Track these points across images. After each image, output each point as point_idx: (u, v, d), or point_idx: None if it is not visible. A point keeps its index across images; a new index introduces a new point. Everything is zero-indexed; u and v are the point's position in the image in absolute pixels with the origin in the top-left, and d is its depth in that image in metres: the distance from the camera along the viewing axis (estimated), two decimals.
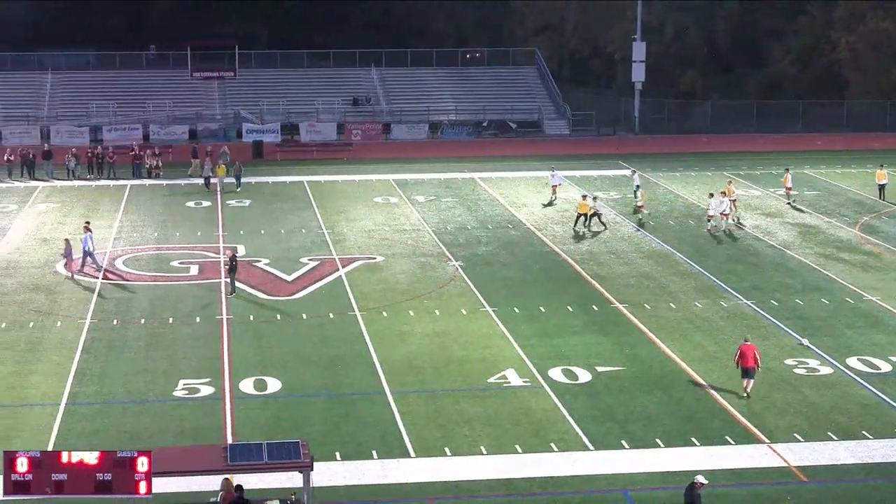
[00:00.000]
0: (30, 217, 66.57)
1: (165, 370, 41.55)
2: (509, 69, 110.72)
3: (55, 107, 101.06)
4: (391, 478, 33.02)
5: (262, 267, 55.50)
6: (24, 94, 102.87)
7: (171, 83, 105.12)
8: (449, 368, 41.66)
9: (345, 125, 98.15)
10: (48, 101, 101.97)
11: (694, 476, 29.51)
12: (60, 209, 68.67)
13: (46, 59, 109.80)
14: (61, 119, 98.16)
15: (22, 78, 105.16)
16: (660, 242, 60.42)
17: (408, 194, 72.95)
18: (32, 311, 48.56)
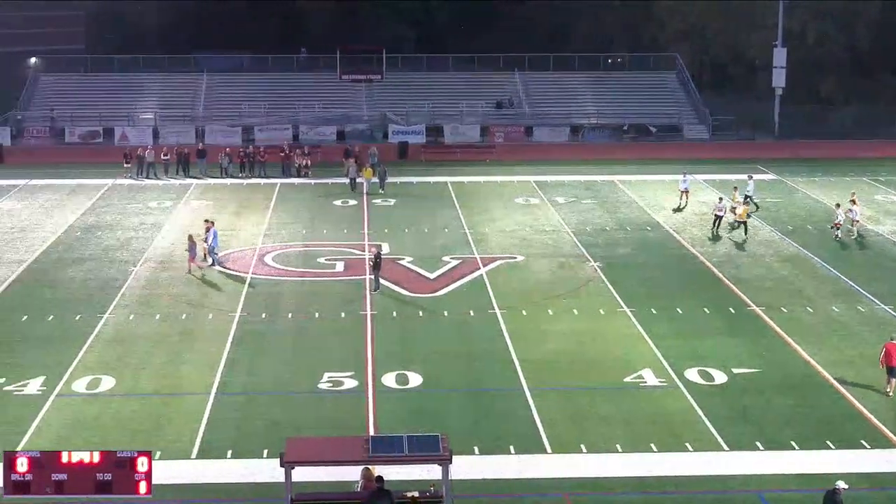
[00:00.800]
0: (184, 213, 67.68)
1: (311, 363, 41.97)
2: (650, 74, 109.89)
3: (210, 107, 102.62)
4: (528, 473, 33.00)
5: (406, 264, 55.79)
6: (181, 94, 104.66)
7: (321, 85, 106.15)
8: (586, 367, 41.51)
9: (488, 127, 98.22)
10: (203, 101, 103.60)
11: (834, 481, 28.98)
12: (213, 206, 69.69)
13: (202, 61, 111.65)
14: (215, 119, 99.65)
15: (179, 80, 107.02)
16: (797, 246, 59.53)
17: (548, 195, 72.80)
18: (185, 304, 49.39)
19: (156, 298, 50.21)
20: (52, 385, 39.44)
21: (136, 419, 36.65)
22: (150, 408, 37.65)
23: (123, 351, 43.11)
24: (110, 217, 66.28)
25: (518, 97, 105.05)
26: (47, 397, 38.39)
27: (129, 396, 38.70)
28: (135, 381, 40.03)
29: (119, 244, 59.69)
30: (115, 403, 38.02)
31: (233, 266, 55.59)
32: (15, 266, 55.32)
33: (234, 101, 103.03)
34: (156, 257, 57.12)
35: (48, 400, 38.17)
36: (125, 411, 37.34)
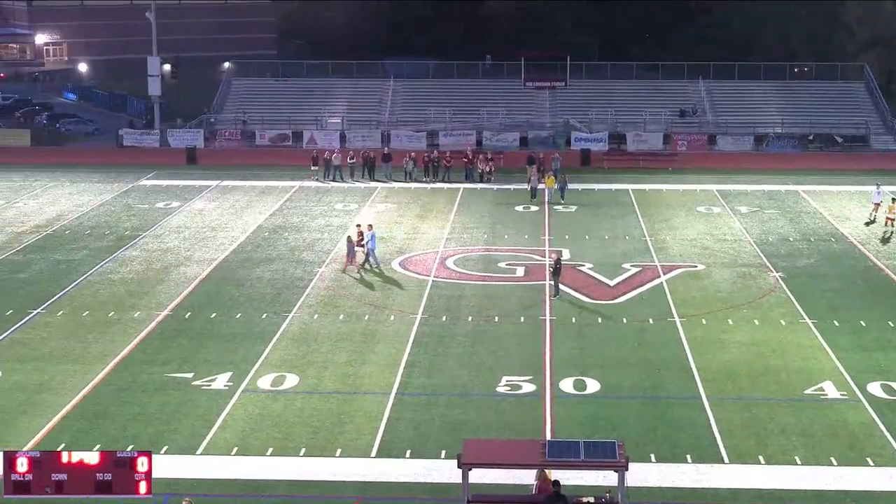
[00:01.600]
0: (368, 215, 68.26)
1: (490, 366, 42.06)
2: (837, 83, 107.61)
3: (396, 112, 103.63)
4: (704, 482, 32.61)
5: (586, 271, 55.57)
6: (368, 99, 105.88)
7: (505, 92, 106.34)
8: (766, 378, 40.86)
9: (671, 135, 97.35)
10: (389, 106, 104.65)
11: None
12: (397, 209, 70.34)
13: (389, 67, 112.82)
14: (401, 124, 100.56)
15: (367, 85, 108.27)
16: None
17: (730, 204, 71.84)
18: (368, 305, 49.89)
19: (339, 299, 50.83)
20: (239, 381, 40.21)
21: (318, 417, 37.14)
22: (331, 406, 38.12)
23: (307, 349, 43.74)
24: (297, 218, 67.32)
25: (702, 105, 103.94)
26: (233, 393, 39.15)
27: (312, 394, 39.24)
28: (318, 380, 40.58)
29: (305, 245, 60.60)
30: (298, 400, 38.59)
31: (414, 269, 55.99)
32: (205, 265, 56.55)
33: (420, 106, 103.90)
34: (340, 259, 57.77)
35: (234, 395, 38.91)
36: (307, 408, 37.87)
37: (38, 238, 62.05)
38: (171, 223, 66.01)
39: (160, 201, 72.49)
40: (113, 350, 43.51)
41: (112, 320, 47.39)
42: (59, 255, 58.51)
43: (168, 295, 51.19)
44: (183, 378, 40.57)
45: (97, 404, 38.24)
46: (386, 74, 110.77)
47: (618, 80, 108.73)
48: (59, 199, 72.95)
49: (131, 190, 76.39)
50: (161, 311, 48.61)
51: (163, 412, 37.48)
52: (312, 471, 33.25)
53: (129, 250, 59.61)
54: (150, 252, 59.25)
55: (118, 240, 61.78)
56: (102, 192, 75.17)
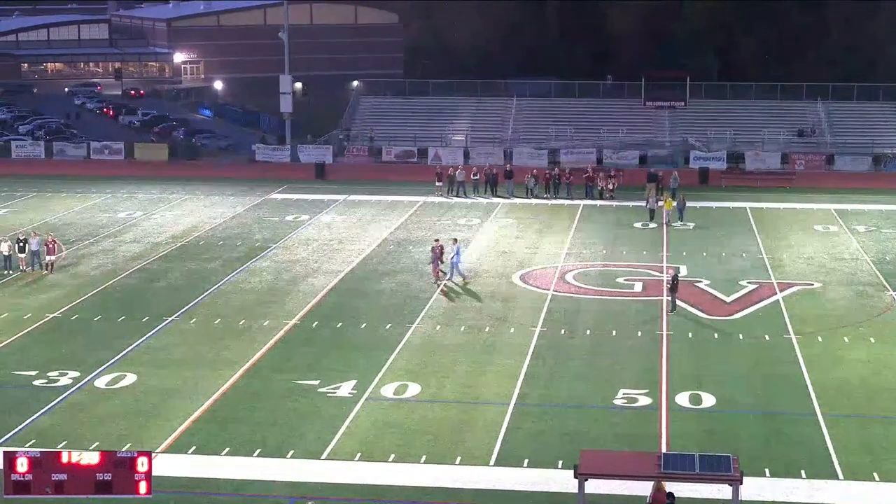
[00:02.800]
0: (490, 230, 68.50)
1: (607, 379, 41.87)
2: None
3: (518, 130, 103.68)
4: (818, 498, 32.14)
5: (703, 287, 55.08)
6: (491, 117, 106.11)
7: (625, 111, 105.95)
8: (882, 395, 40.15)
9: (789, 155, 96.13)
10: (512, 124, 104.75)
11: None
12: (518, 225, 70.34)
13: (512, 86, 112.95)
14: (523, 141, 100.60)
15: (490, 103, 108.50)
16: None
17: (848, 224, 70.74)
18: (488, 317, 49.95)
19: (461, 311, 50.95)
20: (363, 389, 40.47)
21: (439, 425, 37.25)
22: (452, 415, 38.21)
23: (429, 360, 43.90)
24: (421, 232, 67.61)
25: (820, 126, 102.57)
26: (357, 400, 39.40)
27: (433, 403, 39.37)
28: (439, 389, 40.70)
29: (429, 258, 60.72)
30: (419, 409, 38.74)
31: (535, 283, 55.94)
32: (333, 276, 57.03)
33: (542, 124, 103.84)
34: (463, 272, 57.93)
35: (358, 403, 39.17)
36: (429, 417, 37.99)
37: (174, 248, 63.08)
38: (300, 235, 66.69)
39: (290, 214, 73.28)
40: (243, 357, 44.06)
41: (242, 328, 47.99)
42: (194, 264, 59.41)
43: (296, 304, 51.71)
44: (309, 385, 40.94)
45: (227, 409, 38.73)
46: (509, 93, 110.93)
47: (736, 100, 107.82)
48: (194, 211, 74.12)
49: (262, 203, 77.33)
50: (289, 320, 49.12)
51: (289, 418, 37.86)
52: (432, 477, 33.34)
53: (260, 261, 60.32)
54: (279, 263, 59.91)
55: (249, 251, 62.56)
56: (235, 205, 76.21)
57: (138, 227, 68.85)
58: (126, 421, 37.54)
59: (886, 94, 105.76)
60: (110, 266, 58.85)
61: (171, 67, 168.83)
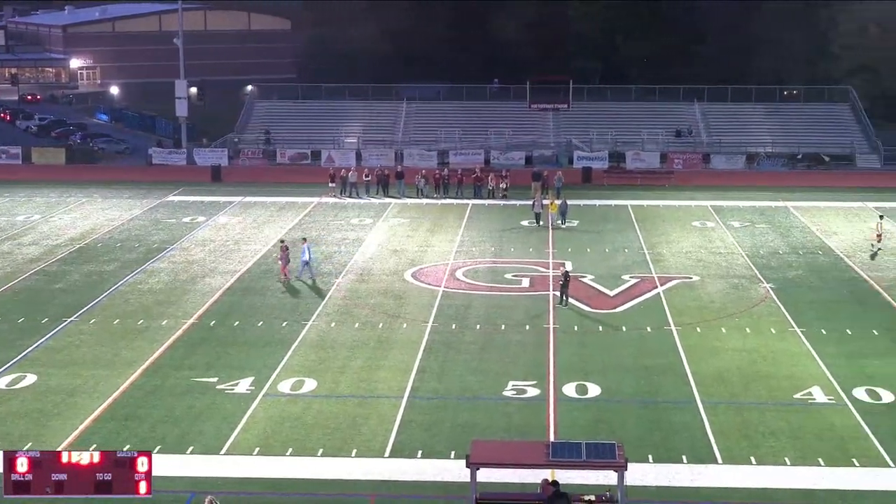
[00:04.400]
0: (382, 230, 68.44)
1: (496, 371, 42.02)
2: (824, 105, 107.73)
3: (408, 132, 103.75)
4: (699, 482, 32.56)
5: (587, 282, 55.53)
6: (382, 120, 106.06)
7: (511, 113, 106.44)
8: (757, 383, 40.79)
9: (667, 154, 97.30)
10: (402, 127, 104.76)
11: None
12: (409, 224, 70.36)
13: (403, 90, 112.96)
14: (413, 143, 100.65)
15: (381, 107, 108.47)
16: None
17: (724, 220, 71.77)
18: (382, 314, 49.89)
19: (355, 308, 50.84)
20: (260, 385, 40.22)
21: (335, 419, 37.14)
22: (347, 409, 38.11)
23: (325, 356, 43.75)
24: (315, 233, 67.33)
25: (696, 126, 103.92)
26: (255, 397, 39.15)
27: (329, 398, 39.24)
28: (335, 384, 40.58)
29: (323, 257, 60.61)
30: (316, 404, 38.59)
31: (426, 280, 55.99)
32: (229, 276, 56.58)
33: (431, 127, 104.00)
34: (356, 270, 57.86)
35: (256, 399, 38.91)
36: (325, 411, 37.86)
37: (73, 251, 62.13)
38: (197, 237, 66.08)
39: (186, 216, 72.59)
40: (142, 356, 43.55)
41: (141, 328, 47.44)
42: (92, 266, 58.57)
43: (194, 304, 51.23)
44: (208, 382, 40.59)
45: (127, 407, 38.27)
46: (399, 97, 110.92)
47: (617, 102, 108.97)
48: (91, 213, 73.07)
49: (159, 205, 76.49)
50: (187, 320, 48.64)
51: (189, 414, 37.51)
52: (329, 470, 33.24)
53: (158, 262, 59.66)
54: (176, 264, 59.30)
55: (147, 252, 61.83)
56: (132, 208, 75.28)
57: (37, 230, 67.69)
58: (27, 420, 36.91)
59: (759, 96, 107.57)
60: (9, 269, 57.79)
61: (68, 73, 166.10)
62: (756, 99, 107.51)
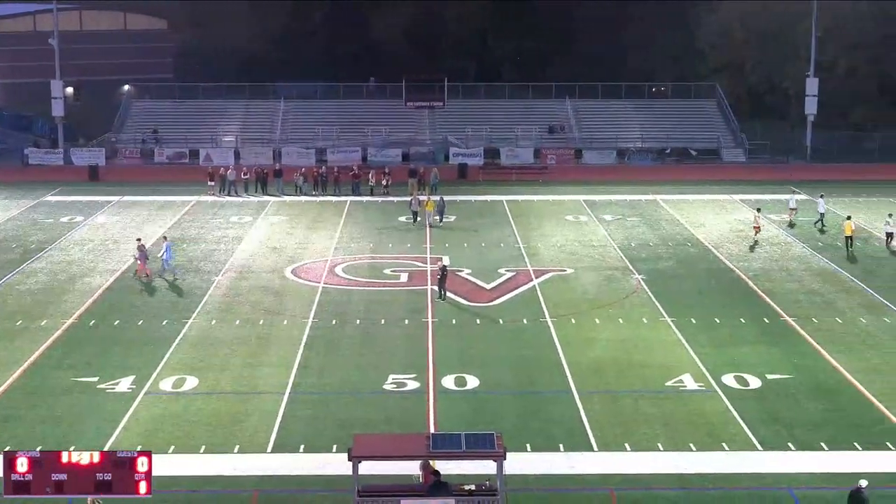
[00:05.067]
0: (262, 228, 68.00)
1: (377, 365, 42.00)
2: (691, 102, 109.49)
3: (286, 131, 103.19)
4: (576, 469, 32.88)
5: (465, 276, 55.75)
6: (260, 119, 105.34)
7: (388, 111, 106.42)
8: (630, 372, 41.31)
9: (541, 150, 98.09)
10: (280, 125, 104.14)
11: (856, 480, 28.74)
12: (288, 221, 70.01)
13: (280, 89, 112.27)
14: (291, 141, 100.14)
15: (259, 105, 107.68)
16: (828, 261, 58.98)
17: (596, 213, 72.56)
18: (262, 311, 49.58)
19: (236, 305, 50.45)
20: (141, 384, 39.70)
21: (217, 416, 36.82)
22: (229, 406, 37.81)
23: (206, 353, 43.34)
24: (194, 231, 66.69)
25: (569, 123, 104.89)
26: (136, 395, 38.64)
27: (211, 395, 38.89)
28: (216, 381, 40.22)
29: (202, 255, 60.05)
30: (198, 401, 38.22)
31: (306, 276, 55.78)
32: (108, 275, 55.76)
33: (309, 125, 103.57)
34: (236, 268, 57.43)
35: (137, 398, 38.41)
36: (207, 408, 37.52)
37: None
38: (75, 237, 65.00)
39: (64, 216, 71.38)
40: (21, 357, 42.71)
41: (20, 329, 46.53)
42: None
43: (73, 304, 50.39)
44: (88, 382, 39.96)
45: (6, 408, 37.51)
46: (277, 96, 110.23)
47: (492, 99, 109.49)
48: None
49: (37, 206, 75.11)
50: (66, 320, 47.82)
51: (70, 414, 36.90)
52: (212, 466, 32.92)
53: (36, 262, 58.57)
54: (55, 264, 58.27)
55: (24, 253, 60.67)
56: (9, 208, 73.81)
57: None
58: None
59: (629, 93, 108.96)
60: None
61: None
62: (626, 96, 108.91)
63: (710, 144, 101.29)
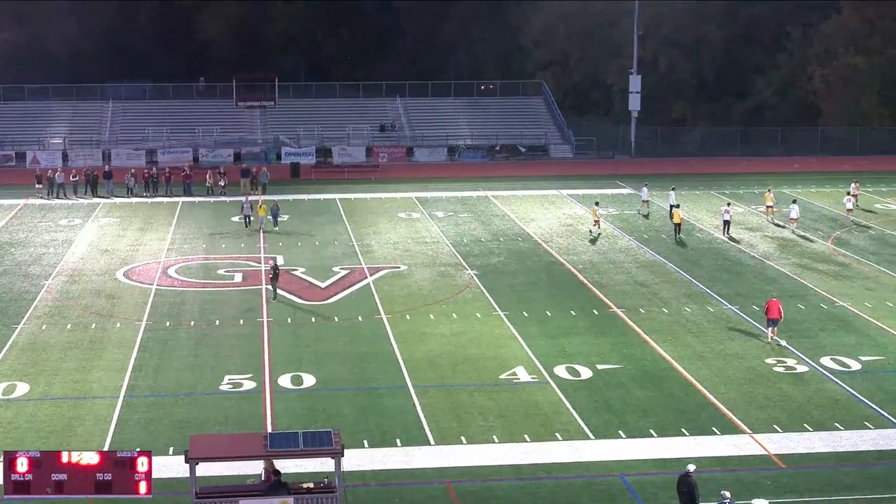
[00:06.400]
0: (92, 230, 66.71)
1: (212, 366, 41.59)
2: (519, 99, 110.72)
3: (115, 132, 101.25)
4: (413, 463, 33.02)
5: (299, 275, 55.52)
6: (89, 120, 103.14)
7: (219, 111, 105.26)
8: (465, 366, 41.63)
9: (372, 149, 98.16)
10: (109, 126, 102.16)
11: (685, 465, 29.47)
12: (119, 223, 68.81)
13: (108, 90, 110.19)
14: (121, 143, 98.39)
15: (87, 106, 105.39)
16: (653, 253, 60.29)
17: (428, 210, 72.93)
18: (94, 314, 48.65)
19: (66, 309, 49.40)
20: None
21: (50, 421, 36.04)
22: (62, 411, 37.04)
23: (37, 358, 42.35)
24: (23, 234, 65.10)
25: (399, 121, 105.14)
26: None
27: (43, 400, 38.04)
28: (48, 387, 39.35)
29: (31, 259, 58.66)
30: (29, 407, 37.35)
31: (138, 278, 54.90)
32: None
33: (139, 126, 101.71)
34: (66, 271, 56.24)
35: None
36: (39, 414, 36.69)
37: None
38: None
39: None
40: None
41: None
42: None
43: None
44: None
45: None
46: (105, 97, 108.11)
47: (323, 98, 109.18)
48: None
49: None
50: None
51: None
52: None
53: None
54: None
55: None
56: None
57: None
58: None
59: (458, 91, 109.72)
60: None
61: None
62: (455, 94, 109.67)
63: (538, 141, 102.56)
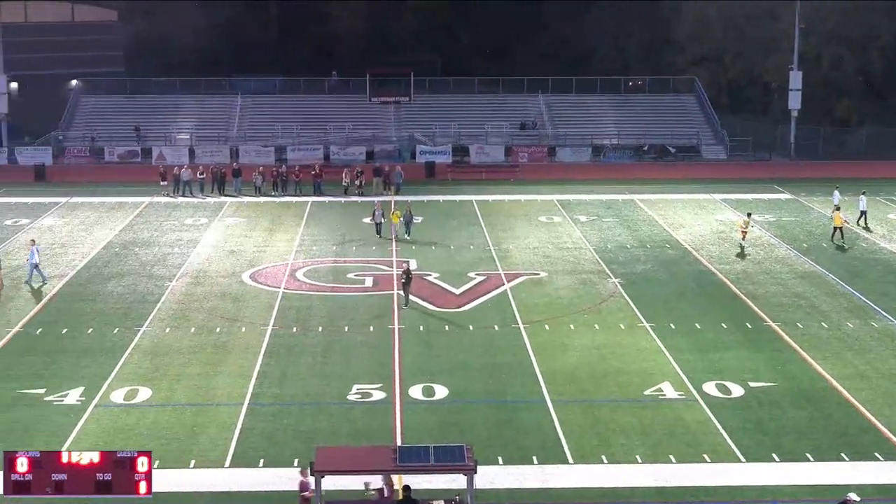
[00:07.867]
0: (218, 230, 67.77)
1: (340, 375, 41.90)
2: (669, 96, 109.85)
3: (244, 128, 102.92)
4: (550, 483, 32.85)
5: (432, 280, 55.70)
6: (216, 116, 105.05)
7: (351, 107, 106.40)
8: (607, 380, 41.34)
9: (512, 148, 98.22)
10: (237, 122, 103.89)
11: (845, 492, 28.82)
12: (246, 223, 69.81)
13: (237, 84, 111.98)
14: (249, 139, 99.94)
15: (215, 102, 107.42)
16: (812, 263, 59.25)
17: (570, 214, 72.67)
18: (219, 318, 49.39)
19: (191, 312, 50.24)
20: (91, 396, 39.45)
21: (172, 429, 36.63)
22: (185, 418, 37.63)
23: (160, 363, 43.13)
24: (147, 234, 66.43)
25: (541, 119, 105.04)
26: (86, 407, 38.39)
27: (165, 406, 38.70)
28: (170, 392, 40.03)
29: (156, 260, 59.82)
30: (151, 413, 38.03)
31: (265, 281, 55.61)
32: (56, 281, 55.42)
33: (268, 122, 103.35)
34: (191, 272, 57.20)
35: (87, 410, 38.16)
36: (161, 421, 37.33)
37: None
38: (21, 240, 64.53)
39: (9, 219, 70.94)
40: None
41: None
42: None
43: (18, 312, 50.05)
44: (35, 394, 39.68)
45: None
46: (233, 91, 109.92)
47: (460, 94, 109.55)
48: None
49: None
50: (11, 329, 47.48)
51: (14, 428, 36.58)
52: (167, 482, 32.63)
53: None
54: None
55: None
56: None
57: None
58: None
59: (603, 87, 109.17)
60: None
61: None
62: (601, 90, 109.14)
63: (689, 141, 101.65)
